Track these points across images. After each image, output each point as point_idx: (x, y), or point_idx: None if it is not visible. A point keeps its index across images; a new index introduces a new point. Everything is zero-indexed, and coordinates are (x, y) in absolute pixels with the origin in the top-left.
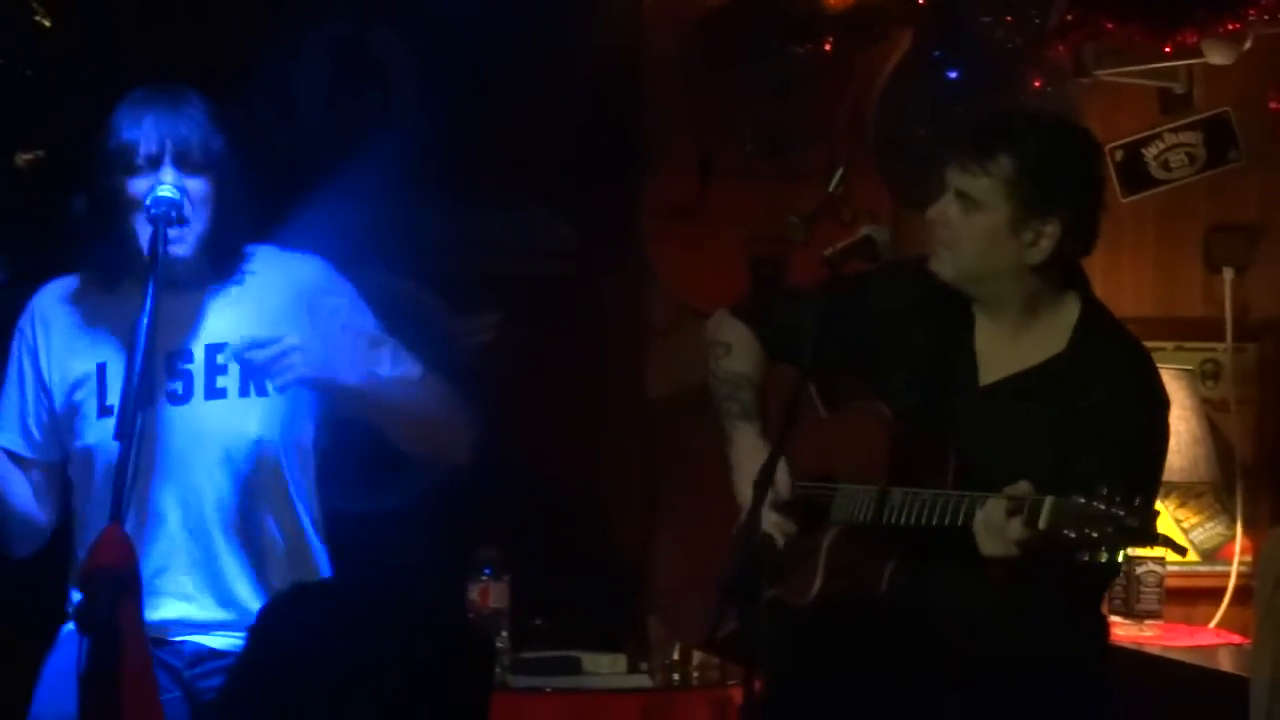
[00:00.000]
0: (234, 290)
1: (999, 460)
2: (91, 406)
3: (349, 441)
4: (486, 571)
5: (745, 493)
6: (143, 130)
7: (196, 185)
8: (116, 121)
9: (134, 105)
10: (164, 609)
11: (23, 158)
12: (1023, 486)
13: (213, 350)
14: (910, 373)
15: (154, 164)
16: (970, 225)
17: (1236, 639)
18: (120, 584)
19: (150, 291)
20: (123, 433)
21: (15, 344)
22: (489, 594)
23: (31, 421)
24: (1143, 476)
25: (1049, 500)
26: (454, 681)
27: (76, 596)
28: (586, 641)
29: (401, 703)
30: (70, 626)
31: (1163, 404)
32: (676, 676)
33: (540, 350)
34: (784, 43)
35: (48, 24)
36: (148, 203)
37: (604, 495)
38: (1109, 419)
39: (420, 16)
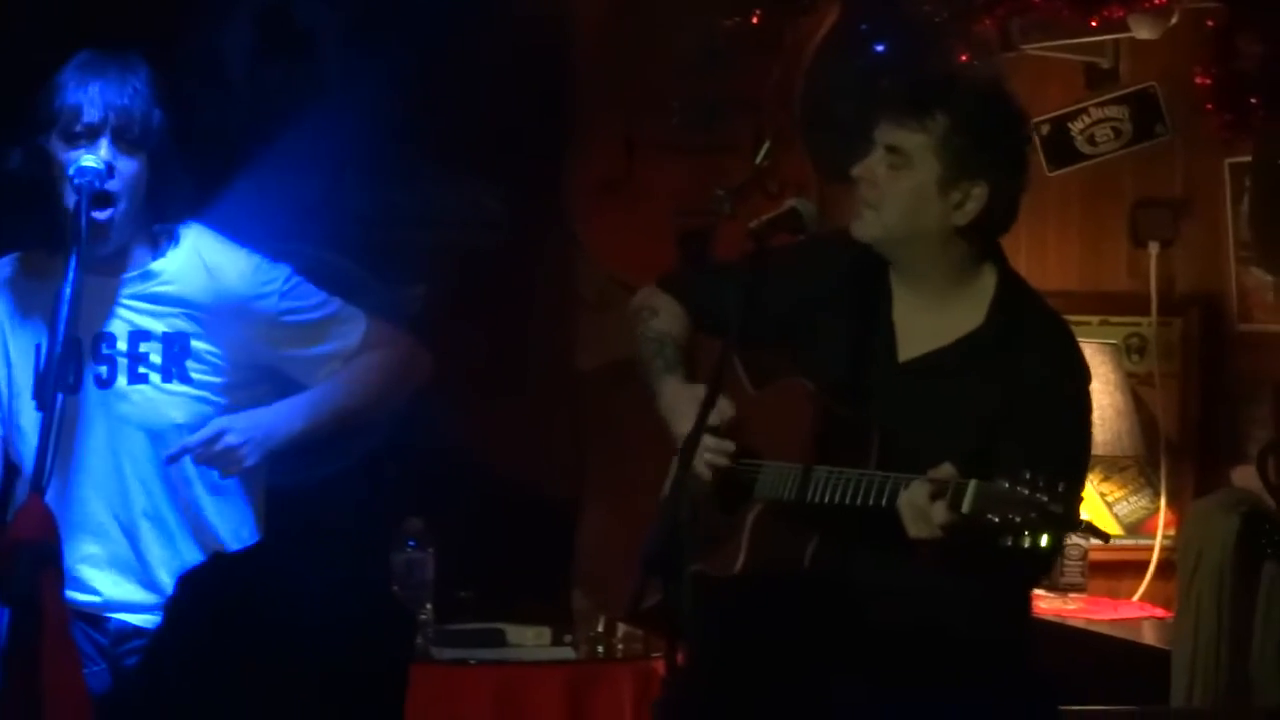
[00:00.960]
0: (162, 275)
1: (921, 437)
2: (27, 386)
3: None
4: (411, 544)
5: (680, 430)
6: (87, 97)
7: (130, 163)
8: (61, 83)
9: (81, 70)
10: (90, 589)
11: None
12: (946, 469)
13: (137, 336)
14: (831, 348)
15: (93, 135)
16: (898, 183)
17: (1160, 612)
18: (41, 556)
19: (73, 264)
20: (43, 402)
21: None
22: (414, 566)
23: None
24: (1069, 456)
25: (973, 484)
26: (374, 653)
27: None
28: (511, 614)
29: (322, 673)
30: None
31: (1084, 377)
32: (601, 649)
33: (468, 322)
34: (712, 15)
35: None
36: (70, 172)
37: (531, 468)
38: (1032, 396)
39: None
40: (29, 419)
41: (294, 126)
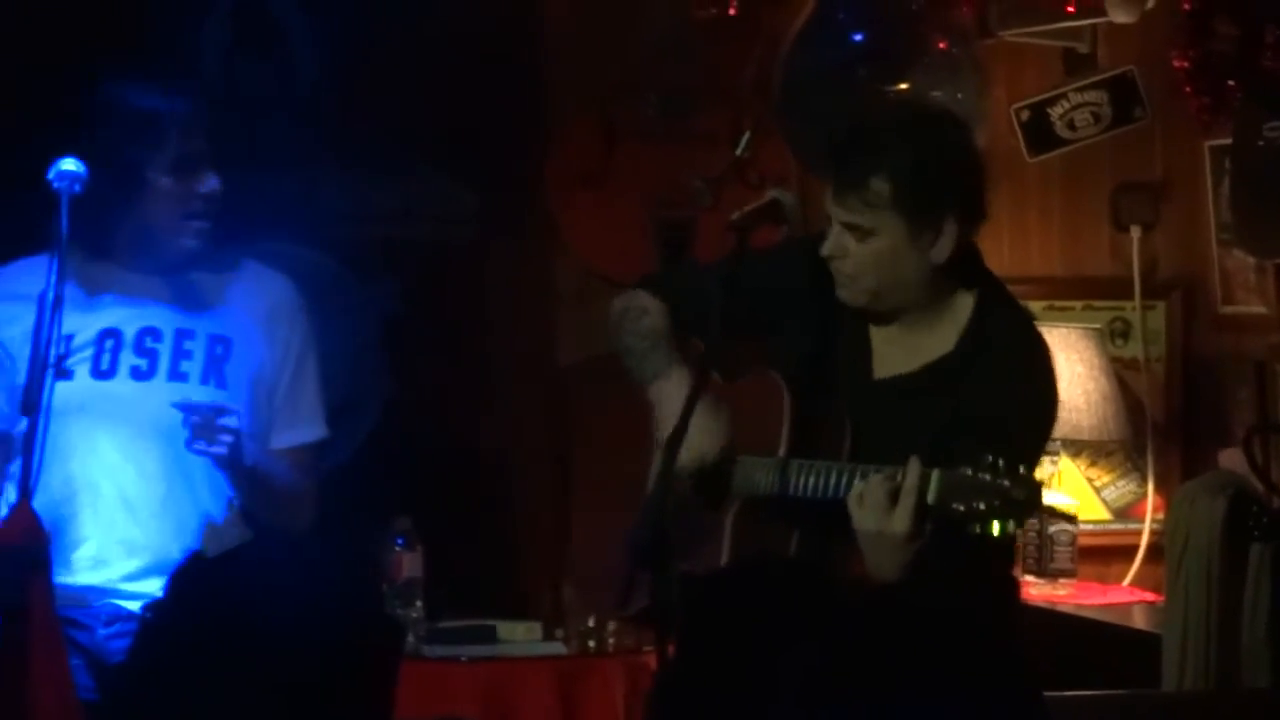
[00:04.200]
0: (213, 284)
1: (892, 447)
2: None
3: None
4: (400, 542)
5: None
6: (181, 127)
7: (217, 180)
8: (161, 113)
9: (184, 101)
10: (89, 574)
11: None
12: (912, 463)
13: (182, 335)
14: (807, 353)
15: (200, 161)
16: (869, 251)
17: (1150, 596)
18: (29, 562)
19: (54, 268)
20: (29, 407)
21: None
22: (403, 564)
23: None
24: (1021, 448)
25: (936, 473)
26: (364, 651)
27: None
28: (501, 610)
29: (311, 672)
30: None
31: (1046, 380)
32: (592, 643)
33: (446, 318)
34: (688, 4)
35: None
36: (50, 175)
37: (516, 464)
38: (988, 396)
39: None
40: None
41: (266, 122)
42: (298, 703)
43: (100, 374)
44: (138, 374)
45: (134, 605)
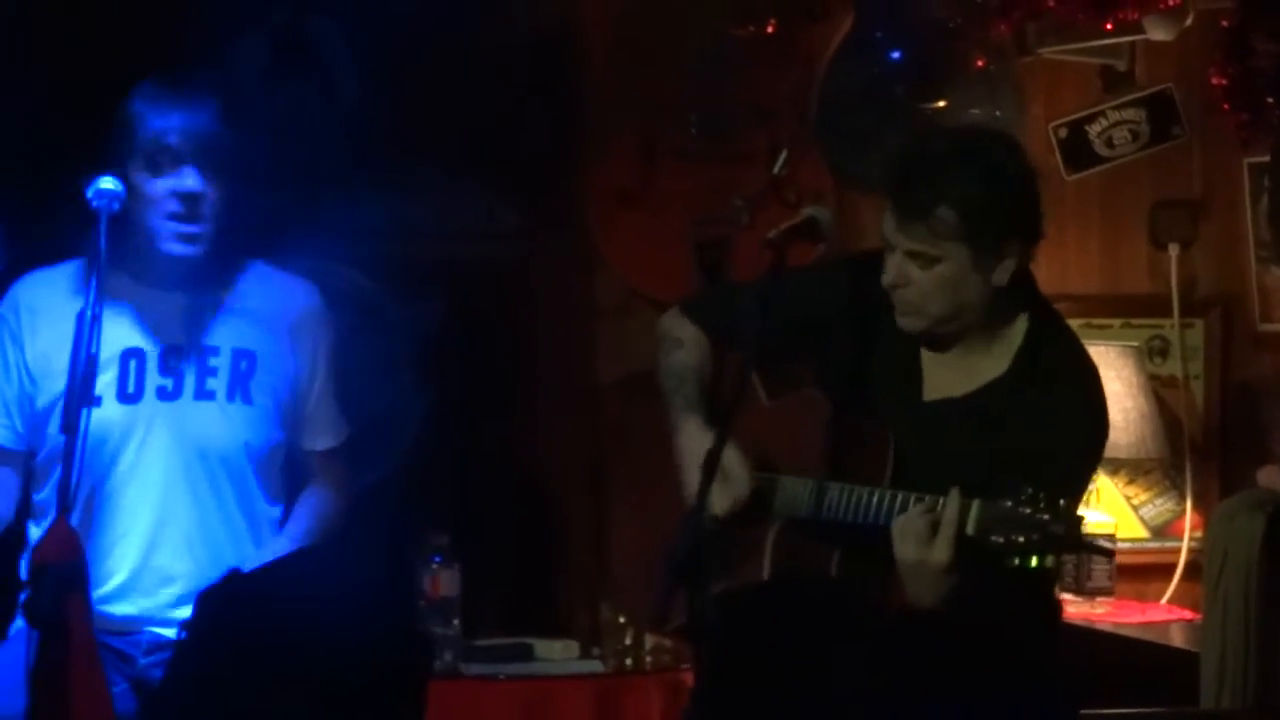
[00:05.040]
0: (232, 298)
1: (935, 471)
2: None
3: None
4: (437, 559)
5: (693, 482)
6: (169, 125)
7: (213, 187)
8: (139, 112)
9: (158, 97)
10: (124, 604)
11: None
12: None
13: (207, 352)
14: (853, 372)
15: (177, 162)
16: (934, 279)
17: (1188, 614)
18: (67, 579)
19: (93, 285)
20: (68, 425)
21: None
22: (440, 581)
23: (14, 410)
24: (1065, 484)
25: (976, 504)
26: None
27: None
28: (538, 628)
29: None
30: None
31: (1099, 418)
32: (629, 661)
33: (486, 335)
34: (726, 24)
35: None
36: (89, 194)
37: (553, 481)
38: (1039, 430)
39: (356, 1)
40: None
41: (307, 143)
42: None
43: (126, 398)
44: (163, 394)
45: (173, 633)
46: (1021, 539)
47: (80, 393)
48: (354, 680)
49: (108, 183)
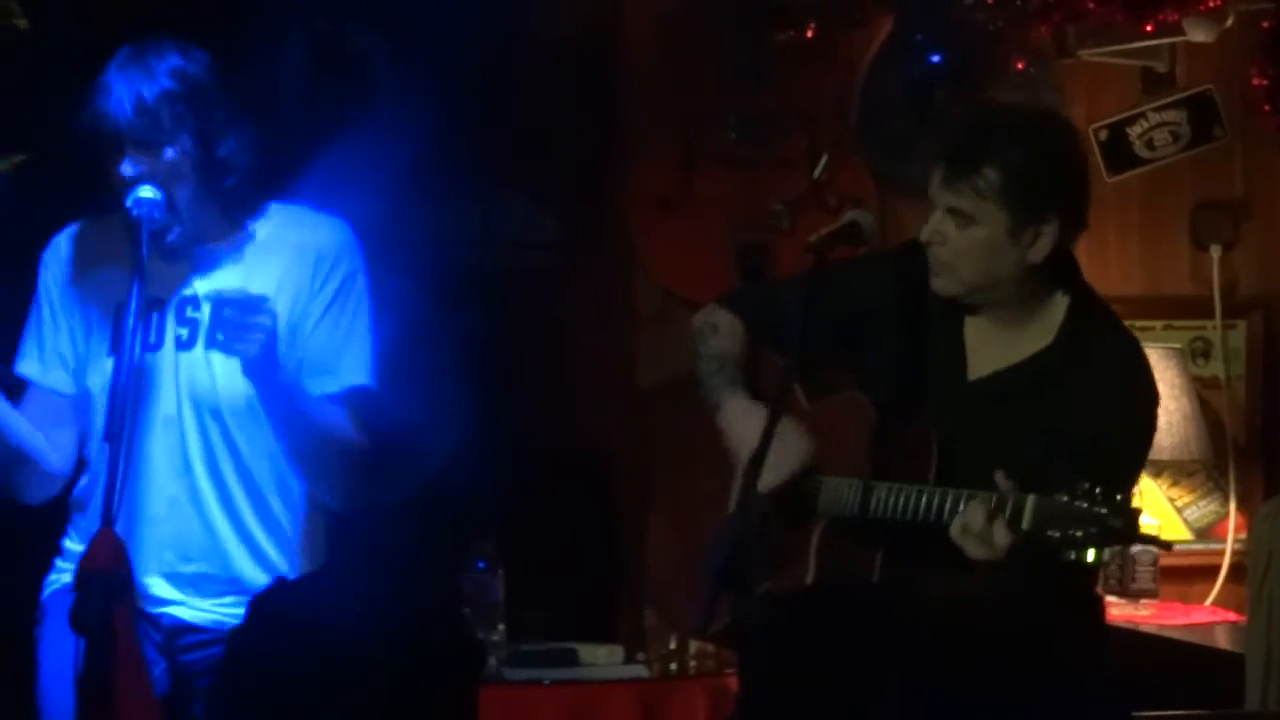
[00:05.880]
0: (248, 245)
1: (983, 455)
2: (104, 346)
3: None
4: (481, 565)
5: (745, 456)
6: (109, 104)
7: (165, 158)
8: (93, 94)
9: (109, 72)
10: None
11: (11, 160)
12: (1005, 486)
13: (221, 304)
14: (896, 364)
15: (118, 141)
16: (968, 240)
17: (1232, 616)
18: (113, 586)
19: (135, 290)
20: (111, 434)
21: (40, 278)
22: (485, 587)
23: (66, 351)
24: (1121, 470)
25: (1031, 499)
26: (446, 675)
27: (71, 547)
28: (583, 633)
29: (394, 696)
30: (52, 589)
31: (1149, 397)
32: (674, 666)
33: (528, 341)
34: (766, 29)
35: (22, 24)
36: (128, 203)
37: (596, 486)
38: (1090, 411)
39: (398, 10)
40: (101, 377)
41: (346, 150)
42: None
43: (148, 347)
44: (180, 344)
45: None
46: (1079, 533)
47: (123, 399)
48: (405, 684)
49: (147, 191)
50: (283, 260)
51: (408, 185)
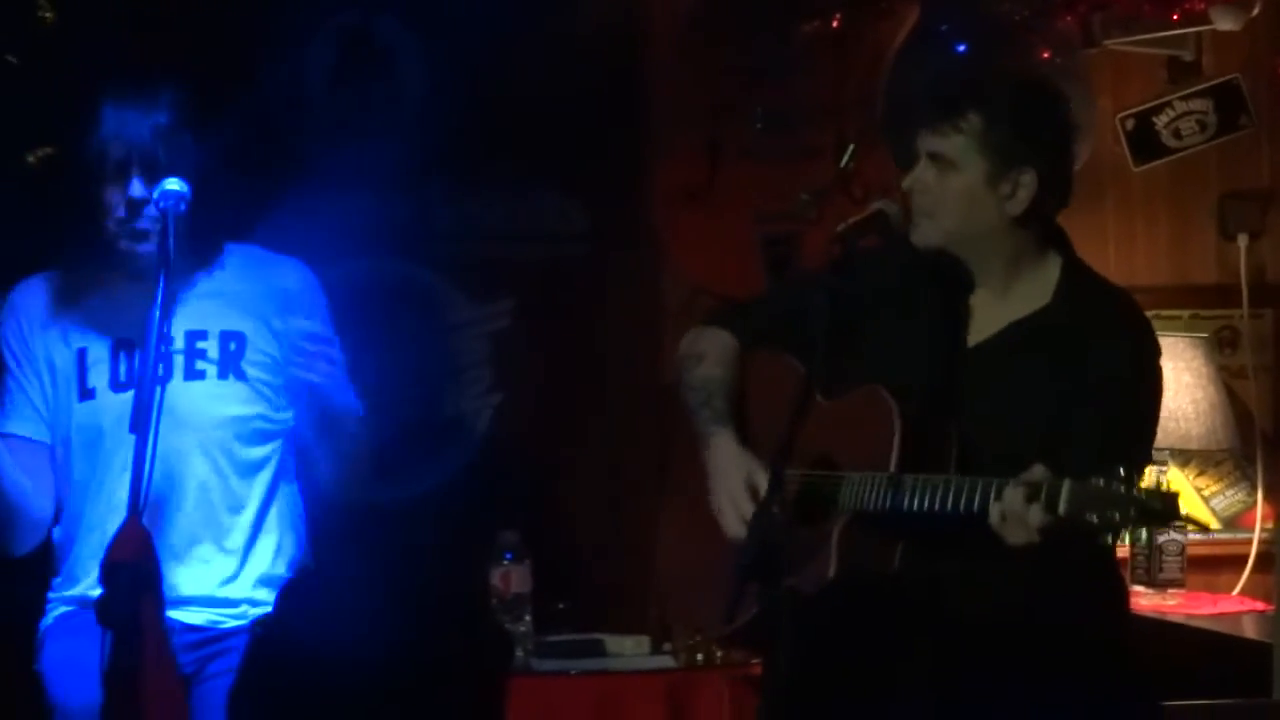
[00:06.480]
0: (212, 283)
1: (998, 422)
2: (73, 390)
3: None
4: (508, 556)
5: (722, 499)
6: (112, 135)
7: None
8: (85, 125)
9: (109, 108)
10: None
11: (35, 155)
12: (1037, 471)
13: (193, 336)
14: (900, 345)
15: (122, 171)
16: (947, 187)
17: (1259, 606)
18: (141, 578)
19: (161, 283)
20: (137, 425)
21: (5, 336)
22: (511, 579)
23: (39, 402)
24: (1142, 434)
25: (1067, 484)
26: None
27: (63, 584)
28: (609, 624)
29: (422, 688)
30: (52, 618)
31: (1155, 352)
32: (700, 656)
33: (555, 334)
34: (791, 21)
35: (49, 16)
36: (155, 195)
37: (625, 478)
38: (1104, 372)
39: (424, 4)
40: (77, 420)
41: (375, 143)
42: (409, 716)
43: (119, 386)
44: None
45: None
46: (1117, 515)
47: (149, 389)
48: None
49: (173, 184)
50: (249, 299)
51: (435, 179)
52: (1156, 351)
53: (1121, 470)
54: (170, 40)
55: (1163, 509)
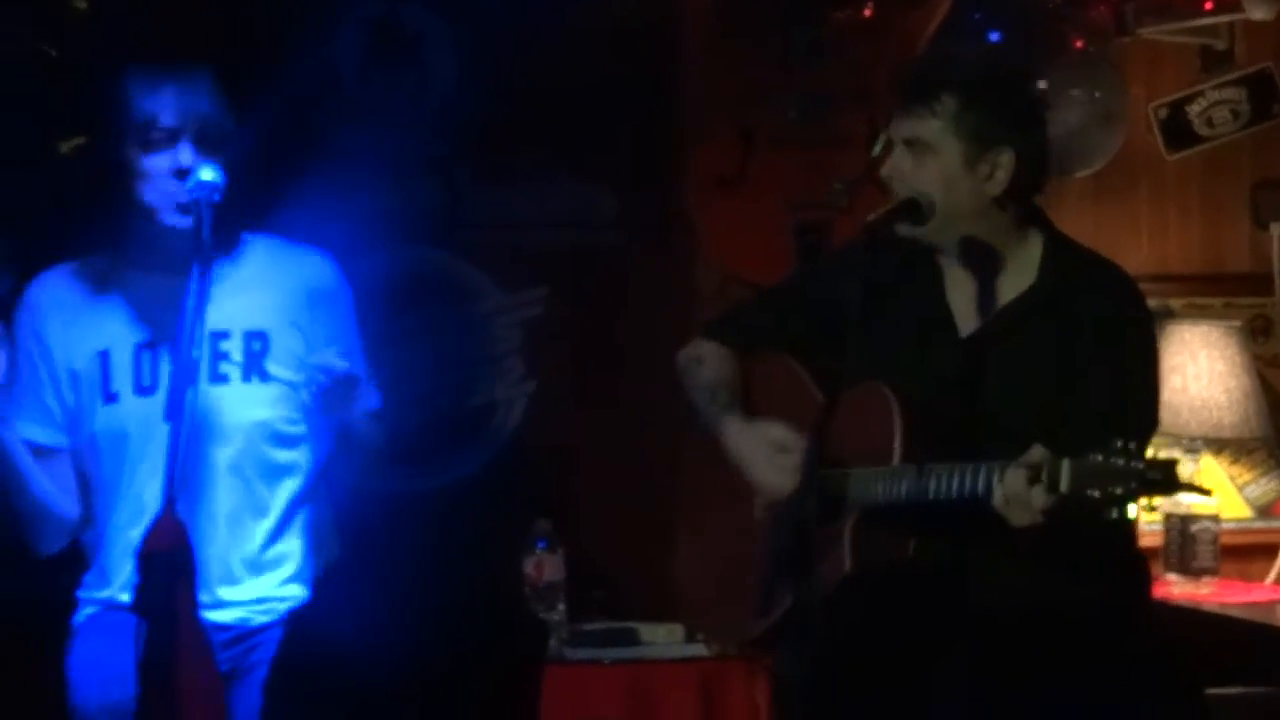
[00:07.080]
0: (237, 277)
1: (999, 409)
2: (96, 394)
3: (397, 423)
4: (541, 545)
5: (755, 471)
6: (162, 103)
7: (210, 166)
8: (131, 91)
9: (150, 78)
10: None
11: (67, 145)
12: (1037, 452)
13: (216, 337)
14: (891, 342)
15: (173, 139)
16: (925, 171)
17: None
18: (176, 568)
19: (196, 273)
20: (172, 413)
21: (20, 337)
22: (544, 567)
23: (54, 405)
24: (1146, 405)
25: (1066, 463)
26: (508, 654)
27: (94, 583)
28: (643, 612)
29: (457, 675)
30: (83, 616)
31: (1148, 321)
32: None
33: (588, 322)
34: (824, 8)
35: (83, 6)
36: (189, 185)
37: (654, 466)
38: (1098, 344)
39: None
40: (101, 424)
41: (405, 132)
42: (444, 704)
43: (143, 390)
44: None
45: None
46: (1119, 489)
47: (183, 379)
48: (467, 664)
49: (208, 173)
50: (277, 297)
51: (464, 167)
52: (1149, 318)
53: (1120, 443)
54: (199, 28)
55: (1163, 479)
